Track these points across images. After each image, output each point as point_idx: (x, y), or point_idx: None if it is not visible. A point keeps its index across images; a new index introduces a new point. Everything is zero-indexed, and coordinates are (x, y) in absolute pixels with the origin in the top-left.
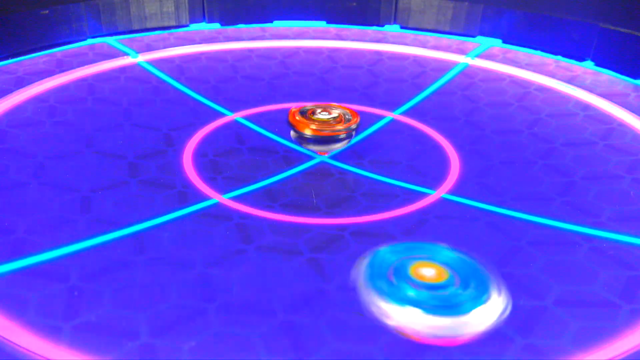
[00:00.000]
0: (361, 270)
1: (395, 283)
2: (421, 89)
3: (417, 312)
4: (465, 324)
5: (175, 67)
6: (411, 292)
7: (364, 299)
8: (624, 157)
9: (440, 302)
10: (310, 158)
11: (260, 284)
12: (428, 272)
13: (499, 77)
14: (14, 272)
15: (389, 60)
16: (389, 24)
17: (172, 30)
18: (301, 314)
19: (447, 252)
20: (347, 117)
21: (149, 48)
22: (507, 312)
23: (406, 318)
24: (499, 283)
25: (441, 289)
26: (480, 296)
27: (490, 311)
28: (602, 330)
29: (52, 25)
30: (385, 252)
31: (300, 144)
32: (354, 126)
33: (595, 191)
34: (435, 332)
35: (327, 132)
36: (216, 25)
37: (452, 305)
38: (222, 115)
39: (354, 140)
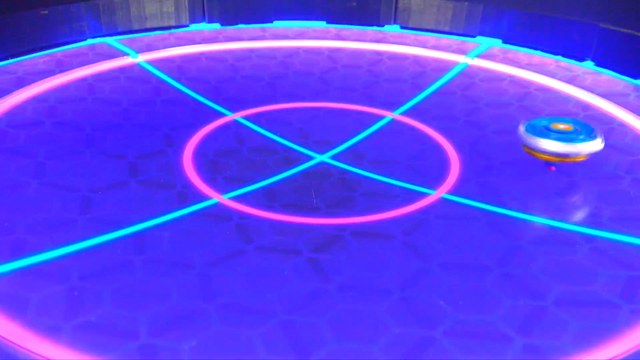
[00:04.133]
0: (523, 130)
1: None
2: (421, 89)
3: (552, 142)
4: (582, 148)
5: (175, 67)
6: (553, 134)
7: (526, 140)
8: (624, 157)
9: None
10: (310, 158)
11: (260, 284)
12: (562, 125)
13: (499, 77)
14: (14, 272)
15: (389, 60)
16: (389, 24)
17: (172, 30)
18: (301, 314)
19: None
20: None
21: (149, 48)
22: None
23: (550, 146)
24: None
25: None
26: (587, 138)
27: (595, 145)
28: (602, 330)
29: (52, 25)
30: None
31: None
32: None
33: (595, 191)
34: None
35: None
36: (216, 25)
37: (571, 140)
38: (222, 115)
39: (354, 140)
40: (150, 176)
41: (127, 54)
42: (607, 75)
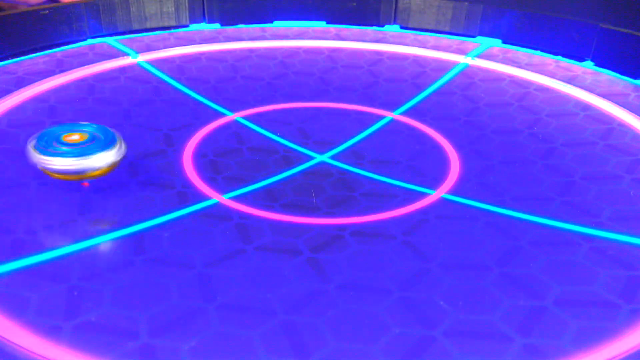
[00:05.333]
0: (31, 142)
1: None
2: (421, 89)
3: (63, 159)
4: (90, 163)
5: (175, 67)
6: (63, 148)
7: (32, 159)
8: (624, 157)
9: (79, 151)
10: (310, 158)
11: (260, 284)
12: (75, 137)
13: (499, 77)
14: (14, 272)
15: (389, 60)
16: (389, 24)
17: (172, 30)
18: (301, 314)
19: (89, 125)
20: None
21: (149, 48)
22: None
23: (58, 163)
24: (120, 141)
25: (81, 145)
26: (104, 147)
27: (108, 156)
28: (602, 330)
29: (52, 25)
30: (50, 128)
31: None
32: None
33: (595, 191)
34: (71, 169)
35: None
36: (216, 25)
37: (85, 153)
38: (222, 115)
39: (354, 140)
40: (150, 176)
41: (127, 54)
42: (607, 75)
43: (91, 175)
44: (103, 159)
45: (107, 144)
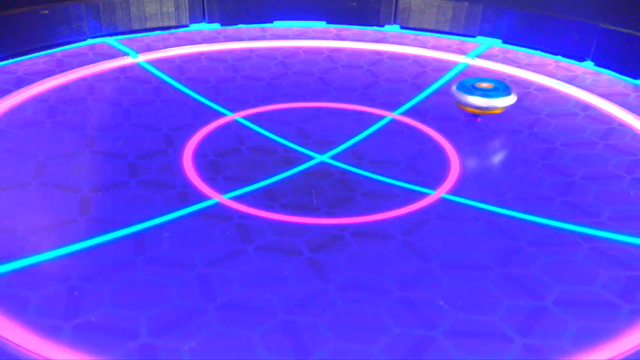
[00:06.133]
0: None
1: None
2: (421, 89)
3: (477, 98)
4: (499, 101)
5: (175, 67)
6: (476, 92)
7: (456, 96)
8: (624, 157)
9: (487, 93)
10: (310, 158)
11: (260, 284)
12: (484, 84)
13: (499, 77)
14: (14, 272)
15: (389, 60)
16: (389, 24)
17: (172, 30)
18: (301, 314)
19: (493, 80)
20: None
21: (149, 48)
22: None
23: (474, 100)
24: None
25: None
26: (504, 94)
27: (510, 99)
28: (602, 330)
29: (52, 25)
30: (466, 80)
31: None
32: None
33: (595, 191)
34: (481, 105)
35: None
36: (216, 25)
37: (493, 94)
38: (222, 115)
39: (354, 140)
40: (150, 176)
41: (127, 54)
42: (607, 75)
43: (490, 112)
44: (503, 102)
45: (505, 92)
